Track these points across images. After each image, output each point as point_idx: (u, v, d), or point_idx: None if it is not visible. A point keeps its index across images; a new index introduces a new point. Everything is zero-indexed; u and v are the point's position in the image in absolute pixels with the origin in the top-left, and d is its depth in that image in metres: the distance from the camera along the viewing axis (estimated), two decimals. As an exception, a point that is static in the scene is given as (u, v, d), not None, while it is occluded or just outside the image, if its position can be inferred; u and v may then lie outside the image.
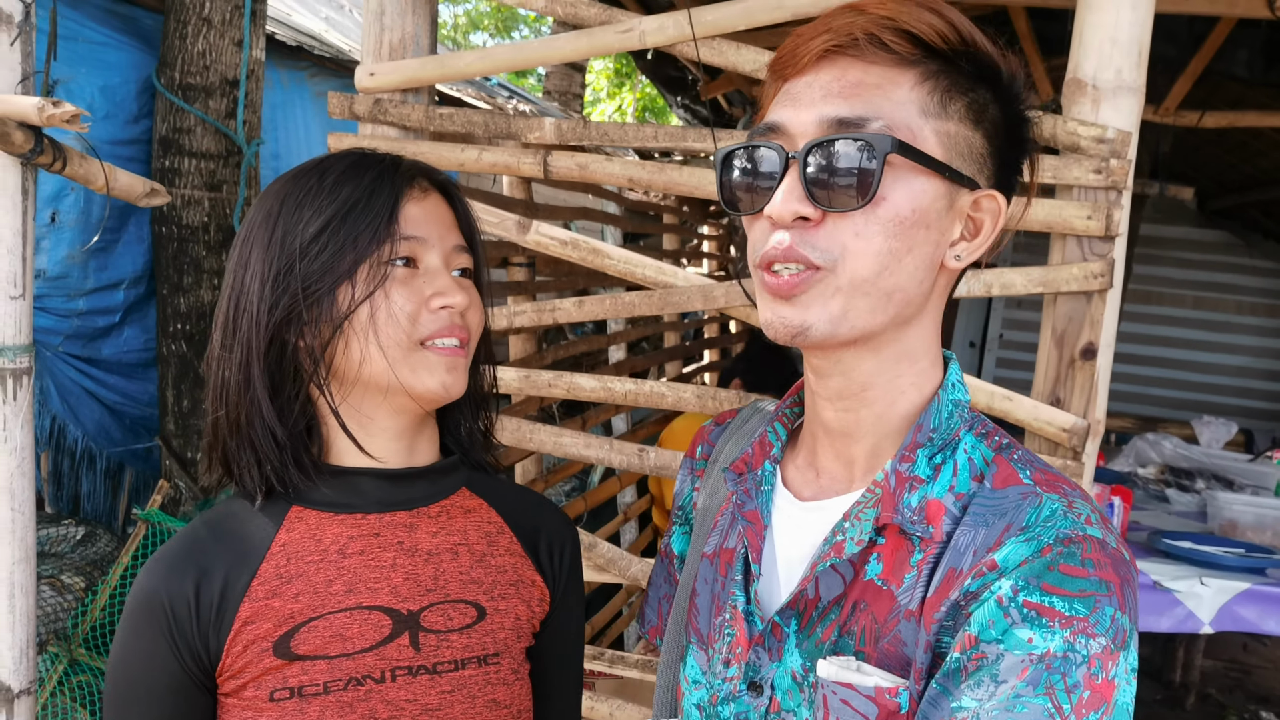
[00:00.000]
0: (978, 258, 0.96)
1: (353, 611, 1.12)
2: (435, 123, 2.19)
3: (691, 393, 2.05)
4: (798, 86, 0.93)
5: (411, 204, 1.15)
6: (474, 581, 1.21)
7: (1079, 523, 0.84)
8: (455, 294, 1.14)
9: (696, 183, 2.01)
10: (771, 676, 0.97)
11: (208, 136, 4.22)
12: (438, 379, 1.12)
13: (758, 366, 4.08)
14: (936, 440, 0.95)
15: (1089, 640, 0.78)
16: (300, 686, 1.09)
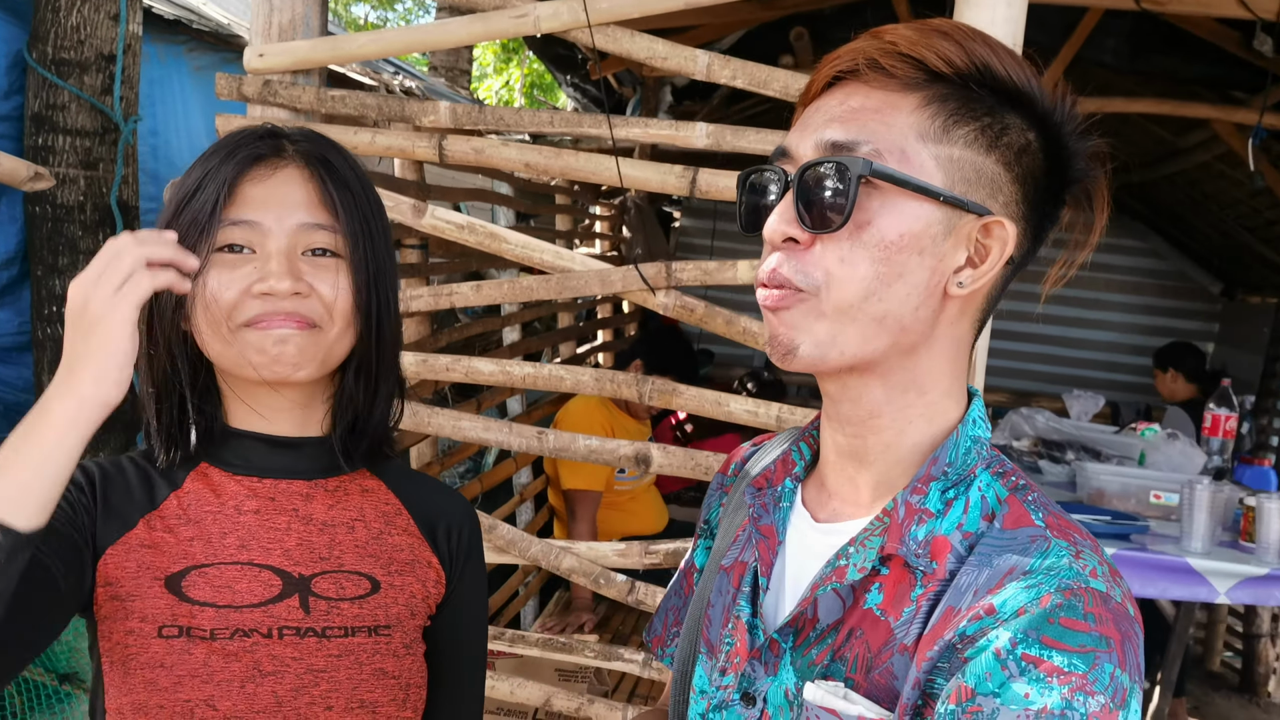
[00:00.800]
0: (985, 285, 0.94)
1: (244, 566, 1.15)
2: (327, 105, 2.17)
3: (590, 375, 2.08)
4: (809, 112, 0.95)
5: (250, 184, 1.13)
6: (370, 555, 1.22)
7: (1084, 574, 0.82)
8: (281, 279, 1.10)
9: (592, 168, 2.04)
10: (765, 690, 0.97)
11: (83, 113, 4.07)
12: (265, 355, 1.10)
13: (659, 348, 4.12)
14: (951, 475, 0.93)
15: (1088, 698, 0.76)
16: (189, 628, 1.10)
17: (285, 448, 1.20)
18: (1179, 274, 8.33)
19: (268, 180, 1.15)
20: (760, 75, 1.95)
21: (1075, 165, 0.96)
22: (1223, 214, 7.07)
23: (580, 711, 2.16)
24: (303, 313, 1.12)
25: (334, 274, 1.15)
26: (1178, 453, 4.13)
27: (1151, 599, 3.75)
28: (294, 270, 1.12)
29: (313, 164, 1.17)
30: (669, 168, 2.01)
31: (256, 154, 1.15)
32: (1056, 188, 0.96)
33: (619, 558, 2.10)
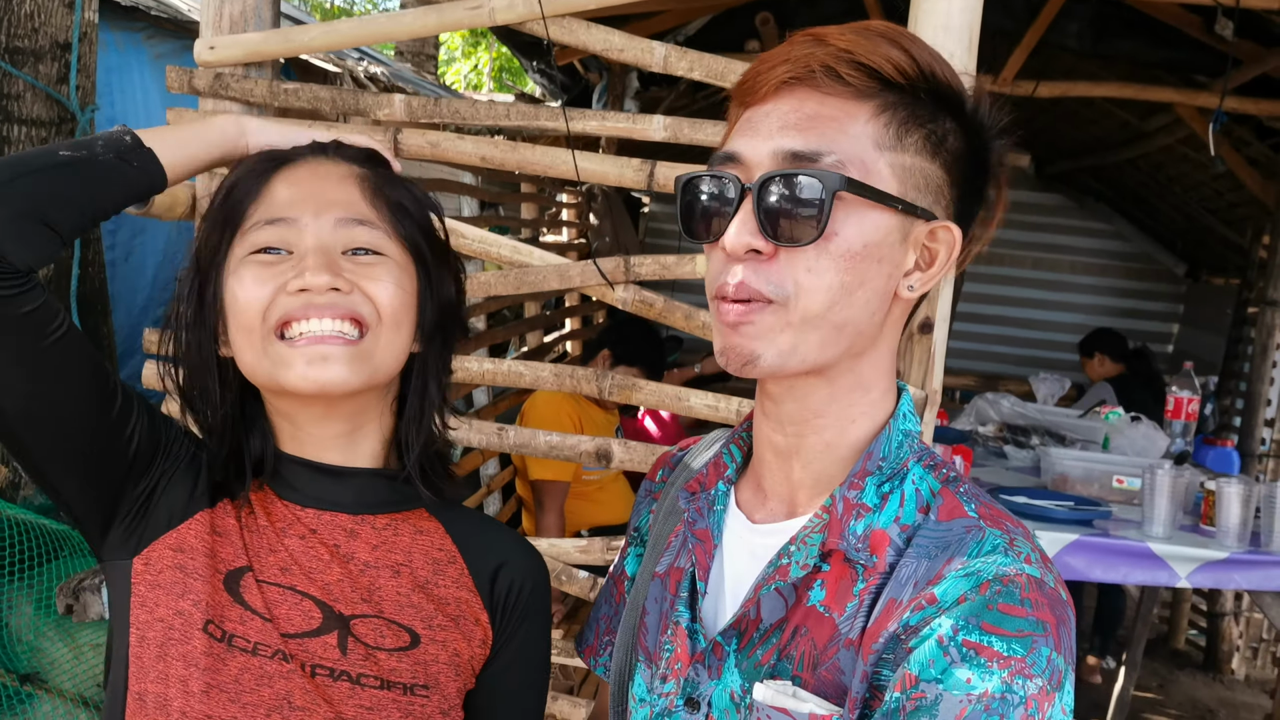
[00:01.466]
0: (930, 287, 0.96)
1: (286, 590, 1.07)
2: (280, 98, 2.13)
3: (549, 371, 2.07)
4: (757, 115, 0.93)
5: (281, 183, 1.08)
6: (412, 606, 1.11)
7: (1019, 561, 0.85)
8: (318, 274, 1.01)
9: (550, 162, 2.02)
10: (710, 694, 0.97)
11: (38, 103, 4.02)
12: (296, 372, 1.01)
13: (627, 338, 4.10)
14: (885, 469, 0.95)
15: (1026, 681, 0.78)
16: (233, 635, 1.03)
17: (330, 476, 1.12)
18: (1144, 256, 8.39)
19: (302, 177, 1.09)
20: (717, 67, 1.94)
21: (994, 164, 0.99)
22: (1186, 196, 7.12)
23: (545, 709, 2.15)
24: (344, 306, 1.03)
25: (379, 270, 1.07)
26: (1141, 436, 4.17)
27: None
28: (332, 266, 1.04)
29: (351, 162, 1.12)
30: (626, 161, 1.99)
31: (292, 156, 1.12)
32: (980, 186, 0.99)
33: (581, 554, 2.09)
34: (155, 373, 2.23)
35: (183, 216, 2.18)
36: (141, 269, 5.13)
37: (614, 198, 6.00)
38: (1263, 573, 2.90)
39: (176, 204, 2.15)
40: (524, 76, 17.26)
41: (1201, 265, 8.28)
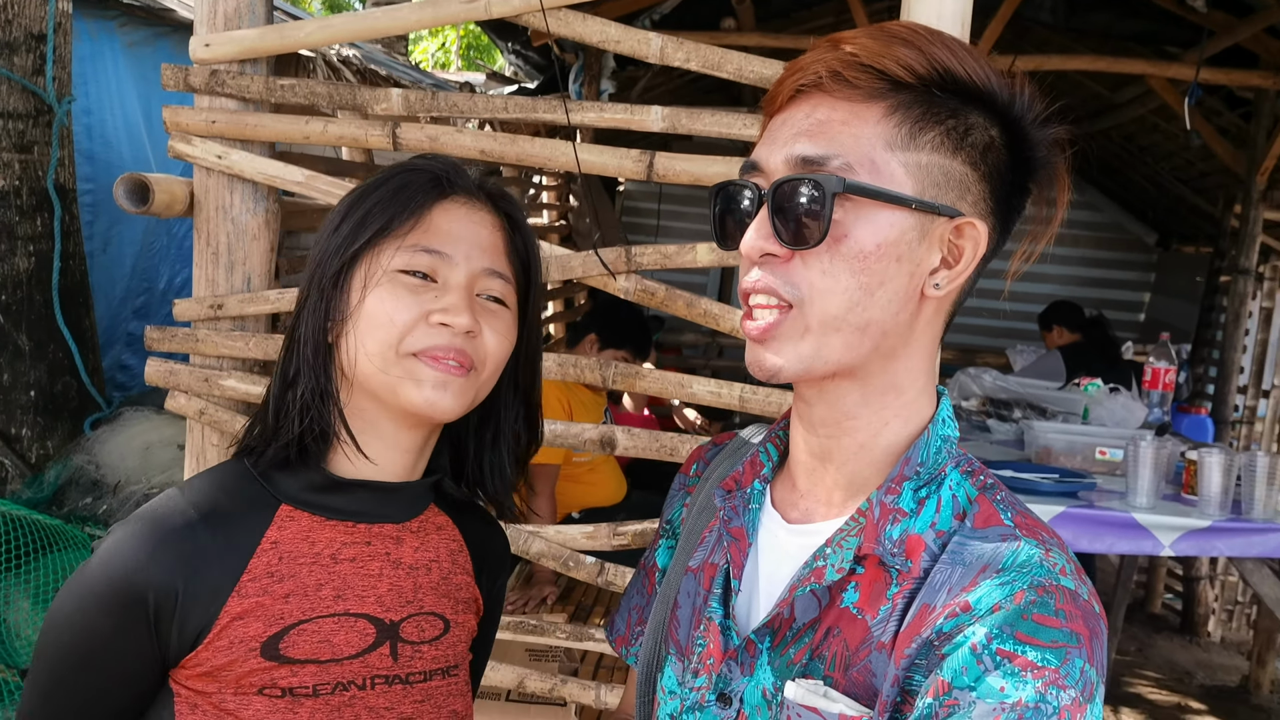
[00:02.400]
0: (959, 285, 0.96)
1: (340, 618, 1.12)
2: (276, 94, 2.14)
3: (554, 361, 2.09)
4: (775, 124, 0.96)
5: (442, 214, 1.14)
6: (443, 596, 1.22)
7: (1054, 572, 0.85)
8: (460, 314, 1.09)
9: (548, 154, 2.04)
10: (742, 690, 0.98)
11: (14, 95, 3.98)
12: (423, 394, 1.09)
13: (613, 321, 4.10)
14: (923, 474, 0.95)
15: (1060, 692, 0.79)
16: (291, 688, 1.08)
17: (389, 493, 1.18)
18: (1115, 226, 8.49)
19: (459, 215, 1.15)
20: (713, 58, 1.96)
21: (1038, 155, 0.97)
22: (1157, 166, 7.21)
23: (554, 691, 2.19)
24: (469, 352, 1.11)
25: (500, 321, 1.15)
26: (1120, 406, 4.24)
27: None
28: (472, 309, 1.12)
29: (502, 213, 1.19)
30: (625, 152, 2.01)
31: (455, 187, 1.16)
32: (1021, 179, 0.98)
33: (588, 540, 2.12)
34: (157, 370, 2.24)
35: (181, 213, 2.19)
36: (120, 259, 5.10)
37: (593, 179, 6.00)
38: (1244, 539, 2.97)
39: (175, 201, 2.15)
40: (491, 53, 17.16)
41: (1172, 234, 8.39)
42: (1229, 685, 5.34)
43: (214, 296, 2.19)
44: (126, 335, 5.19)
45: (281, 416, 1.14)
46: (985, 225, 0.94)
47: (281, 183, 2.14)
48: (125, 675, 1.07)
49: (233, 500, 1.12)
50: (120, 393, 5.03)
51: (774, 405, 1.99)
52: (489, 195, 1.19)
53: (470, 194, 1.17)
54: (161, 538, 1.07)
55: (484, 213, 1.17)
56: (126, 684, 1.08)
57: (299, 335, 1.14)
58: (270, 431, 1.15)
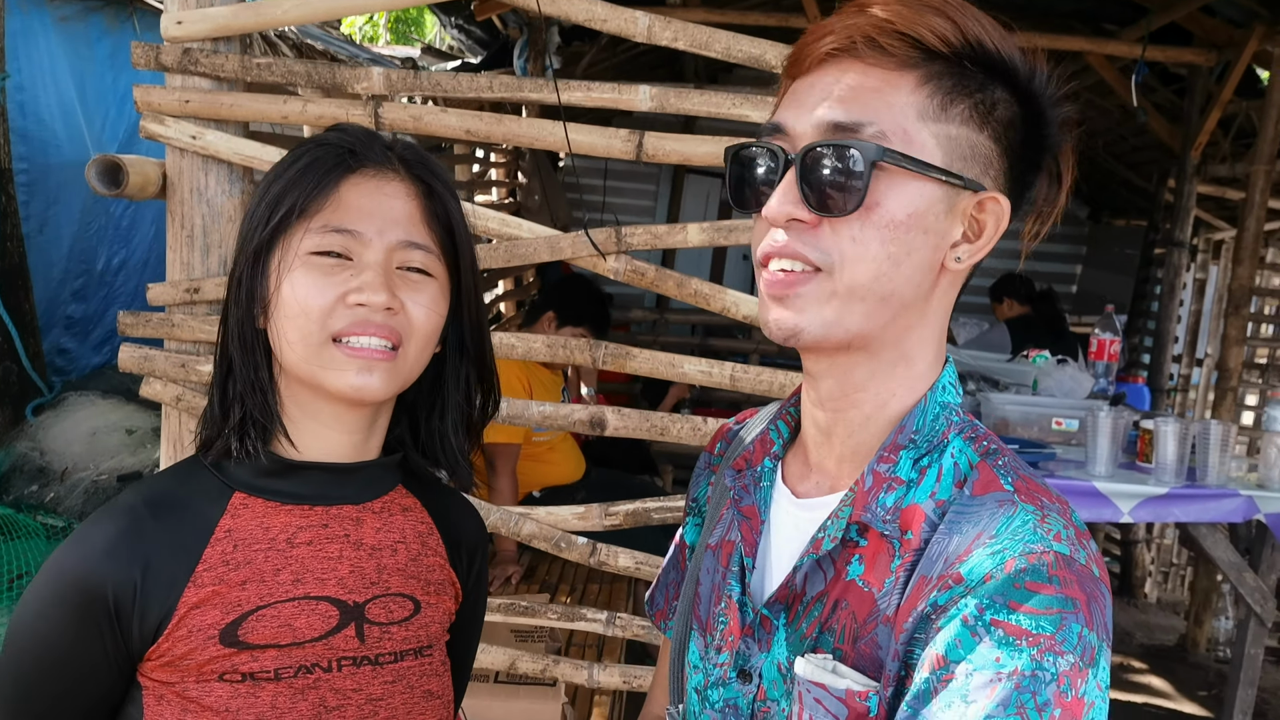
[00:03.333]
0: (980, 259, 0.95)
1: (301, 601, 1.11)
2: (252, 73, 2.09)
3: (542, 342, 2.08)
4: (801, 87, 0.94)
5: (351, 190, 1.10)
6: (412, 577, 1.20)
7: (1047, 538, 0.83)
8: (377, 292, 1.06)
9: (535, 134, 2.02)
10: (760, 666, 0.98)
11: (-54, 72, 3.84)
12: (346, 380, 1.07)
13: (570, 298, 4.09)
14: (920, 442, 0.95)
15: (1057, 658, 0.78)
16: (252, 672, 1.07)
17: (342, 474, 1.16)
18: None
19: (372, 190, 1.11)
20: (701, 37, 1.95)
21: (1051, 134, 0.97)
22: (1091, 142, 7.34)
23: (546, 672, 2.19)
24: (392, 326, 1.08)
25: (424, 293, 1.12)
26: (1068, 377, 4.33)
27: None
28: (390, 284, 1.09)
29: (416, 180, 1.15)
30: (614, 132, 2.00)
31: (363, 160, 1.12)
32: (1036, 158, 0.98)
33: (579, 521, 2.12)
34: (131, 356, 2.18)
35: (154, 195, 2.13)
36: (57, 241, 4.96)
37: (541, 156, 5.96)
38: (1200, 505, 3.07)
39: (148, 183, 2.10)
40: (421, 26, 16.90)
41: (1103, 208, 8.57)
42: (1167, 644, 5.52)
43: (190, 280, 2.14)
44: (65, 318, 5.06)
45: (224, 406, 1.13)
46: (1008, 201, 0.95)
47: (259, 163, 2.10)
48: (93, 674, 1.06)
49: (185, 491, 1.12)
50: (60, 377, 4.91)
51: (764, 384, 2.01)
52: (403, 161, 1.15)
53: (380, 164, 1.13)
54: (115, 533, 1.07)
55: (396, 183, 1.13)
56: (95, 683, 1.07)
57: (229, 324, 1.13)
58: (217, 422, 1.14)
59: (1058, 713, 0.77)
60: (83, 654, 1.05)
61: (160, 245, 5.58)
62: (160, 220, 5.59)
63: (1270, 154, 4.77)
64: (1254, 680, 3.28)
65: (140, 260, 5.48)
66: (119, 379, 4.68)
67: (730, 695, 1.01)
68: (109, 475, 3.97)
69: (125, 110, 5.34)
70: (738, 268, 8.88)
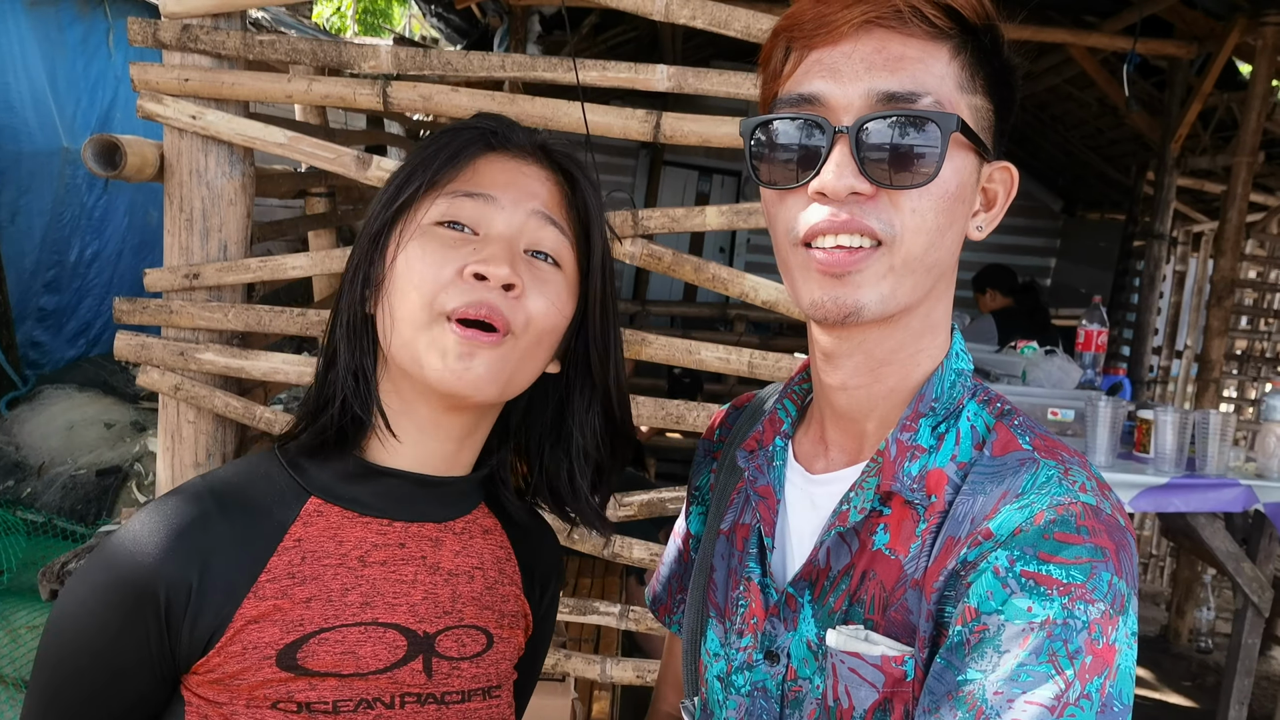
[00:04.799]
0: (994, 228, 0.96)
1: (368, 627, 1.01)
2: (255, 50, 2.03)
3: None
4: (833, 57, 0.90)
5: (491, 160, 1.02)
6: (486, 607, 1.10)
7: (1073, 490, 0.84)
8: (500, 265, 0.95)
9: (549, 114, 1.97)
10: (787, 646, 0.97)
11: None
12: (446, 364, 0.95)
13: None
14: (939, 410, 0.95)
15: (1088, 606, 0.78)
16: (309, 702, 0.98)
17: (430, 487, 1.06)
18: (1024, 194, 8.67)
19: (512, 168, 1.03)
20: (721, 15, 1.91)
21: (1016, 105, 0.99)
22: (1068, 134, 7.38)
23: (557, 667, 2.14)
24: (504, 313, 0.97)
25: (550, 284, 1.02)
26: (1056, 368, 4.33)
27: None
28: (514, 260, 0.98)
29: (559, 169, 1.07)
30: (631, 112, 1.96)
31: (505, 141, 1.04)
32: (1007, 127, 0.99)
33: (593, 511, 2.08)
34: (127, 344, 2.11)
35: (151, 177, 2.06)
36: (29, 231, 4.84)
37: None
38: (1200, 495, 3.07)
39: (146, 164, 2.03)
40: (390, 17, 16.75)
41: (1077, 201, 8.62)
42: (1149, 635, 5.55)
43: (189, 265, 2.07)
44: (38, 310, 4.94)
45: (322, 398, 1.04)
46: (1015, 170, 0.97)
47: (262, 145, 2.03)
48: (132, 674, 0.97)
49: (257, 490, 1.02)
50: (33, 370, 4.79)
51: (784, 370, 1.97)
52: (545, 150, 1.07)
53: (523, 148, 1.05)
54: (176, 527, 0.97)
55: (537, 167, 1.05)
56: (134, 684, 0.98)
57: (340, 308, 1.04)
58: (311, 415, 1.05)
59: (1089, 660, 0.77)
60: (124, 653, 0.96)
61: (134, 236, 5.47)
62: (134, 210, 5.48)
63: (1252, 146, 4.80)
64: (1250, 670, 3.29)
65: (114, 251, 5.37)
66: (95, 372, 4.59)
67: (758, 678, 0.99)
68: (87, 470, 3.87)
69: (98, 97, 5.22)
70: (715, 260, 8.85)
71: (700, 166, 8.78)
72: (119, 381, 4.68)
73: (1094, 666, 0.78)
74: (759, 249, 8.73)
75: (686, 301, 8.31)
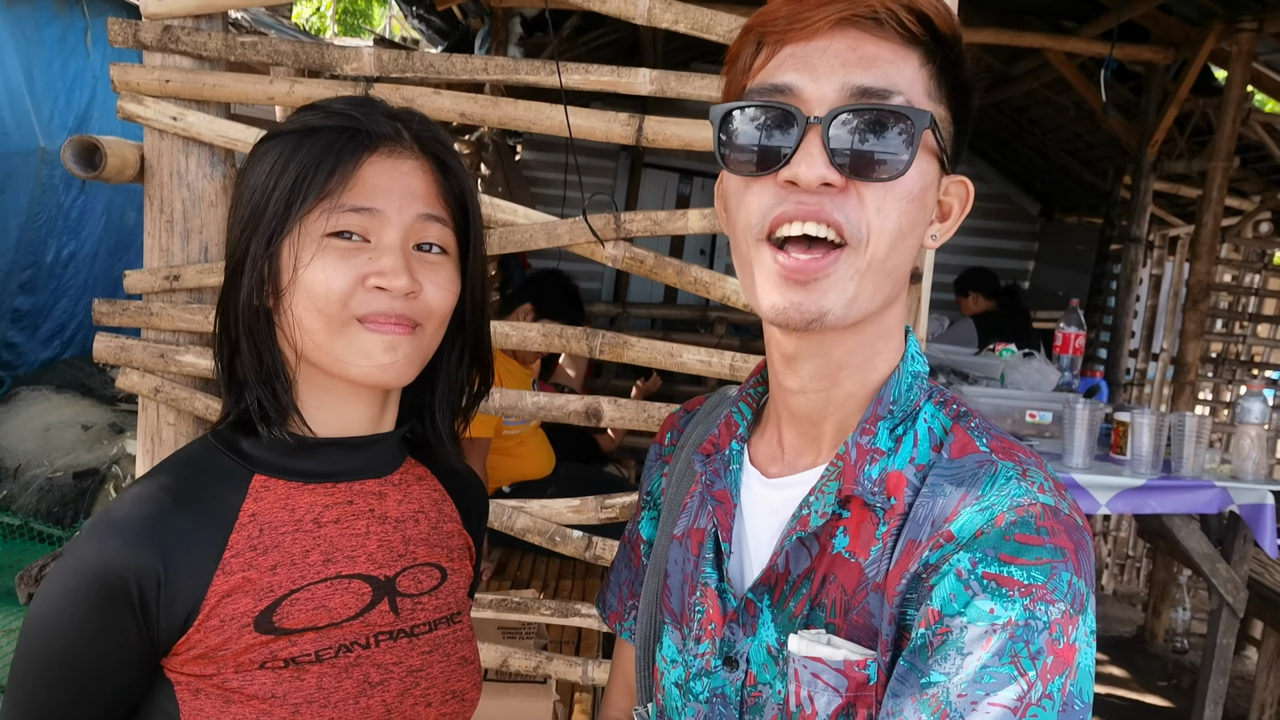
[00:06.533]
0: (946, 240, 0.98)
1: (333, 581, 1.10)
2: (236, 52, 2.02)
3: (537, 330, 2.04)
4: (807, 51, 0.90)
5: (372, 168, 1.06)
6: (435, 545, 1.20)
7: (1032, 490, 0.85)
8: (398, 276, 1.04)
9: (532, 117, 1.97)
10: (746, 651, 0.97)
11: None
12: (373, 362, 1.05)
13: (548, 291, 4.08)
14: (897, 412, 0.95)
15: (1049, 606, 0.80)
16: (293, 657, 1.05)
17: (361, 448, 1.15)
18: (1002, 197, 8.73)
19: (389, 166, 1.08)
20: (703, 20, 1.91)
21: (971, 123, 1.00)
22: (1046, 138, 7.43)
23: (539, 669, 2.14)
24: (410, 315, 1.06)
25: (441, 274, 1.10)
26: (1034, 370, 4.36)
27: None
28: (410, 267, 1.06)
29: (429, 154, 1.12)
30: (614, 116, 1.96)
31: (378, 136, 1.08)
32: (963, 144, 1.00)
33: (574, 514, 2.08)
34: (106, 346, 2.10)
35: (131, 179, 2.05)
36: (5, 231, 4.80)
37: (503, 147, 5.90)
38: (1175, 497, 3.10)
39: (126, 166, 2.02)
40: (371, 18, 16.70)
41: (1055, 204, 8.68)
42: (1125, 636, 5.60)
43: (169, 267, 2.06)
44: (12, 312, 4.90)
45: (233, 389, 1.11)
46: (970, 185, 0.98)
47: (242, 146, 2.02)
48: (114, 670, 1.02)
49: (202, 477, 1.09)
50: (8, 372, 4.75)
51: (766, 373, 1.98)
52: (415, 138, 1.12)
53: (394, 141, 1.09)
54: (134, 524, 1.02)
55: (411, 160, 1.10)
56: (117, 678, 1.03)
57: (236, 302, 1.09)
58: (233, 402, 1.11)
59: (1050, 660, 0.79)
60: (105, 650, 1.01)
61: (111, 236, 5.43)
62: (111, 211, 5.45)
63: (1227, 151, 4.84)
64: (1226, 670, 3.33)
65: (91, 252, 5.33)
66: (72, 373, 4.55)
67: (716, 684, 1.00)
68: (64, 472, 3.84)
69: (75, 98, 5.19)
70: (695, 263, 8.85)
71: (681, 169, 8.78)
72: (96, 383, 4.65)
73: (1055, 666, 0.79)
74: (739, 251, 8.74)
75: (667, 304, 8.32)
